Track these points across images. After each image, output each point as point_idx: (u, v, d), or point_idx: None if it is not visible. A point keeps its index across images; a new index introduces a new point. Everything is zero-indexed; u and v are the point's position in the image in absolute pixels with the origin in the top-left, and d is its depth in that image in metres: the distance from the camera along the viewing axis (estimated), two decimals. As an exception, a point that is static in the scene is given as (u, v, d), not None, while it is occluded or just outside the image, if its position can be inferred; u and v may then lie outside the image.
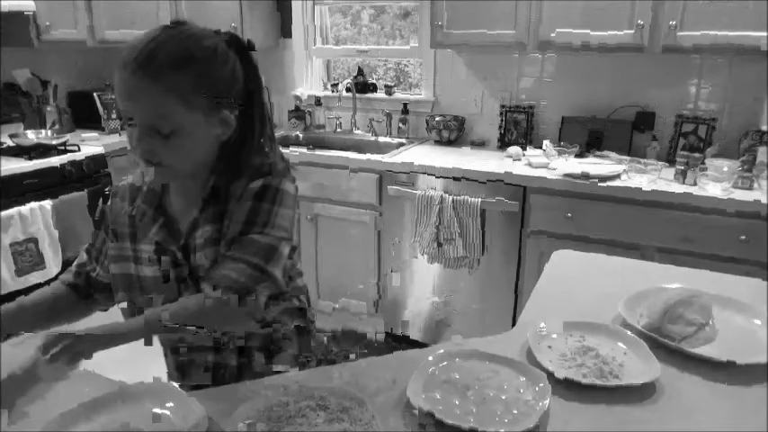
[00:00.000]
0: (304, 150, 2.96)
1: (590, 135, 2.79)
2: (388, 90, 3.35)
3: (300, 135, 3.43)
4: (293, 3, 3.39)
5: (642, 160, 2.51)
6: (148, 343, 0.93)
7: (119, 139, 3.27)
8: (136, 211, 1.13)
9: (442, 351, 1.05)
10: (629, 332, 1.11)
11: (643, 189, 2.27)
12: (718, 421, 0.90)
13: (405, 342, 2.91)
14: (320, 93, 3.50)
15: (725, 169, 2.24)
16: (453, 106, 3.16)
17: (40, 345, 0.86)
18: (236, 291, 0.95)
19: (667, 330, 1.10)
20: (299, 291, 1.22)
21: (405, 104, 3.24)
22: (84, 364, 0.90)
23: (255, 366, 1.14)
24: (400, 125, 3.25)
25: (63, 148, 3.06)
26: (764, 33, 2.18)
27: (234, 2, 3.11)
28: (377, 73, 3.68)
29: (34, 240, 2.80)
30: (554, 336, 1.11)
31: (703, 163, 2.33)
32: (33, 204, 2.79)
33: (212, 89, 1.00)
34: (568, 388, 0.96)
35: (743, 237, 2.14)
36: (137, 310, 1.07)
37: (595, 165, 2.50)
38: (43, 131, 3.25)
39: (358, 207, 2.85)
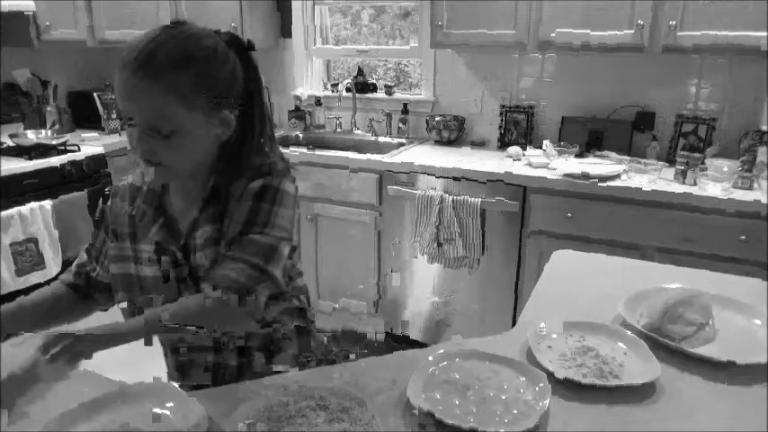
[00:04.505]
0: (304, 150, 2.96)
1: (590, 135, 2.79)
2: (388, 90, 3.35)
3: (300, 135, 3.42)
4: (293, 3, 3.39)
5: (642, 160, 2.51)
6: (148, 343, 0.93)
7: (119, 139, 3.27)
8: (136, 211, 1.13)
9: (442, 351, 1.04)
10: (629, 332, 1.11)
11: (643, 189, 2.27)
12: (718, 421, 0.90)
13: (405, 342, 2.91)
14: (320, 93, 3.50)
15: (725, 169, 2.24)
16: (453, 106, 3.16)
17: (40, 345, 0.86)
18: (236, 291, 0.95)
19: (667, 330, 1.10)
20: (299, 291, 1.22)
21: (405, 104, 3.24)
22: (85, 364, 0.90)
23: (255, 366, 1.14)
24: (400, 125, 3.25)
25: (63, 148, 3.06)
26: (764, 33, 2.18)
27: (234, 2, 3.11)
28: (377, 73, 3.67)
29: (34, 240, 2.80)
30: (554, 336, 1.11)
31: (703, 163, 2.33)
32: (33, 204, 2.79)
33: (212, 89, 1.00)
34: (568, 388, 0.96)
35: (743, 237, 2.14)
36: (137, 310, 1.07)
37: (595, 165, 2.50)
38: (43, 131, 3.25)
39: (358, 207, 2.85)
